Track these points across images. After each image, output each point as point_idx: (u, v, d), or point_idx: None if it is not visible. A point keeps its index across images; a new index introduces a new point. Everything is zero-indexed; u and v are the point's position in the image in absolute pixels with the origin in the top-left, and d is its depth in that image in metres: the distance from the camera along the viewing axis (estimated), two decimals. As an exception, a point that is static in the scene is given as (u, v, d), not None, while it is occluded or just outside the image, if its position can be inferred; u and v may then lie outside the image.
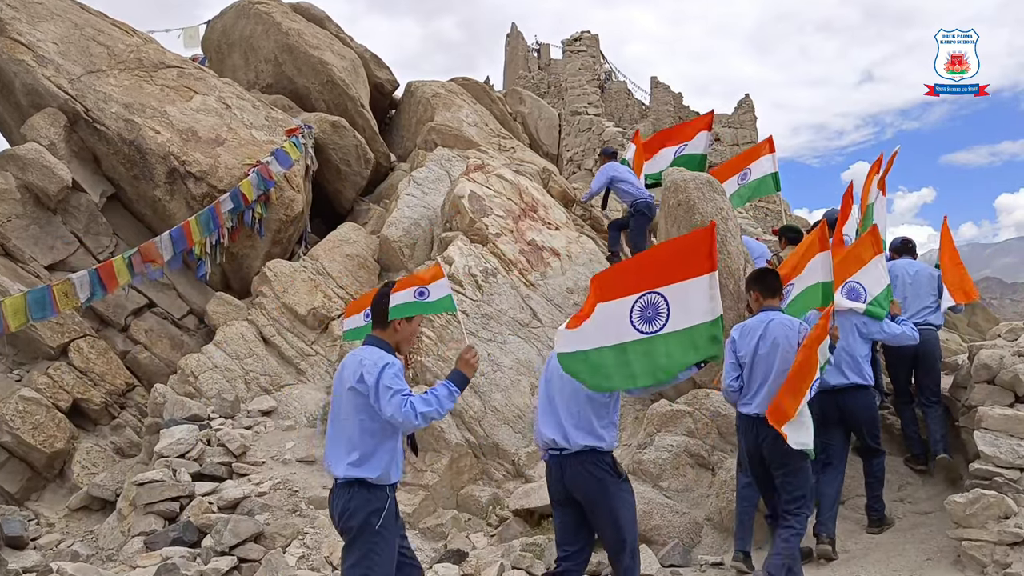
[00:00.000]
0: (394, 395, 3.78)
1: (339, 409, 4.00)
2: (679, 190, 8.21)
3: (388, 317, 4.16)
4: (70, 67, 11.89)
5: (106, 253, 11.40)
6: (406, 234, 11.78)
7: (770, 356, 5.31)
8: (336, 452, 3.95)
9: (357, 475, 3.85)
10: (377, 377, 3.81)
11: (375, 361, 3.88)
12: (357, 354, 4.01)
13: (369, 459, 3.86)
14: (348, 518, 3.87)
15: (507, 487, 7.76)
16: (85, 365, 10.43)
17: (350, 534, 3.89)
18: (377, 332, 4.10)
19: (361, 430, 3.88)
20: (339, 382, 4.05)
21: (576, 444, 4.45)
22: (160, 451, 8.06)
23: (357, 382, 3.86)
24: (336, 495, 3.97)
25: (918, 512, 6.76)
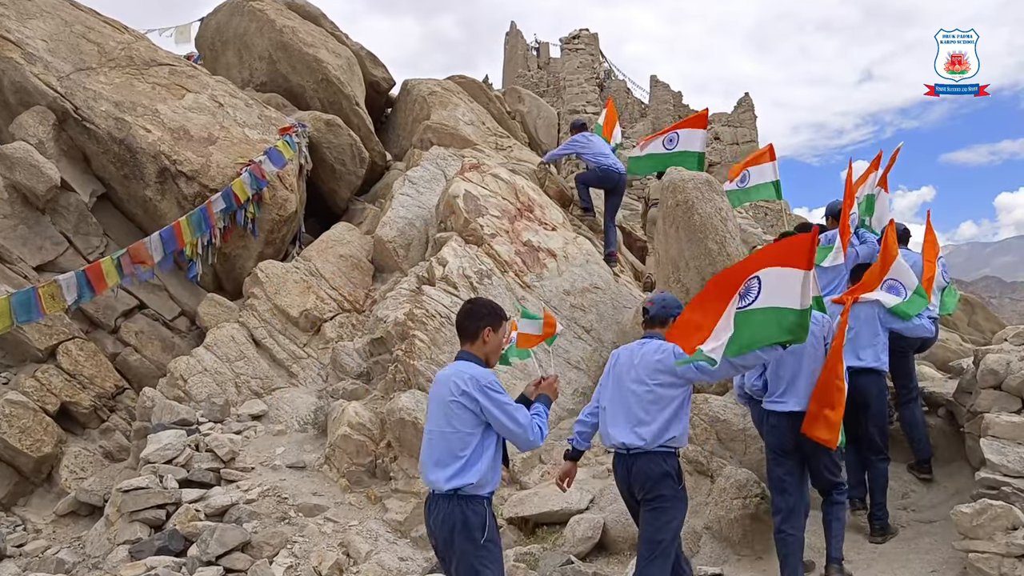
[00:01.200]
0: (523, 416, 3.97)
1: (437, 422, 4.04)
2: (678, 190, 8.04)
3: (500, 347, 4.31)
4: (59, 64, 11.71)
5: (96, 254, 11.22)
6: (401, 234, 11.61)
7: (797, 352, 5.26)
8: (438, 464, 3.98)
9: (461, 484, 3.89)
10: (494, 395, 3.93)
11: (477, 376, 3.97)
12: (456, 370, 4.07)
13: (472, 469, 3.92)
14: (451, 530, 3.90)
15: (501, 494, 7.55)
16: (74, 368, 10.26)
17: (454, 547, 3.91)
18: (467, 347, 4.18)
19: (464, 443, 3.94)
20: (437, 396, 4.10)
21: (642, 445, 4.60)
22: (147, 457, 7.88)
23: (460, 395, 3.93)
24: (436, 506, 3.98)
25: (922, 521, 6.59)
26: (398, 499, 7.49)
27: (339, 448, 7.99)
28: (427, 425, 4.12)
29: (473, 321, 4.18)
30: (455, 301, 8.88)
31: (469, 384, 3.92)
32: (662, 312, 4.98)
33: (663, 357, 4.69)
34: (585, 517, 6.62)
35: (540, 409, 4.15)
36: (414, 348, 8.30)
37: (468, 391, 3.91)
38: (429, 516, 4.01)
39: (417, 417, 7.65)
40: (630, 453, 4.64)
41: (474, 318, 4.18)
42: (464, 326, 4.20)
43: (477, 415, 3.92)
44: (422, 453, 4.10)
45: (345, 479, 7.87)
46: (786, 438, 5.36)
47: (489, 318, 4.18)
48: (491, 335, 4.17)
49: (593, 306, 9.53)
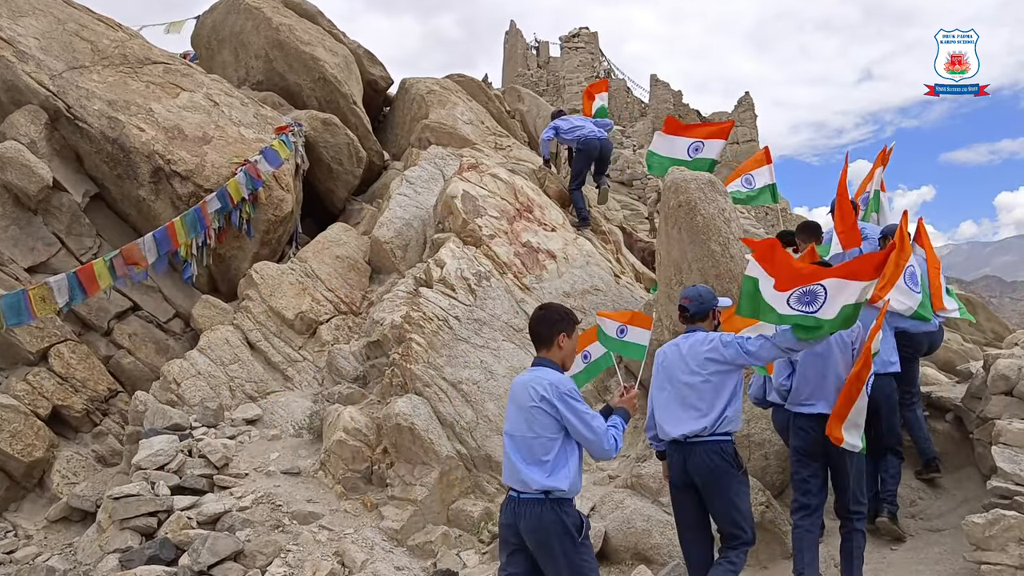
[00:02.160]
0: (599, 425, 4.03)
1: (519, 427, 4.09)
2: (680, 191, 7.87)
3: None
4: (52, 63, 11.55)
5: (89, 254, 11.06)
6: (398, 235, 11.45)
7: (824, 354, 5.24)
8: (523, 467, 4.03)
9: (549, 487, 3.95)
10: (571, 403, 4.00)
11: (556, 383, 4.04)
12: (535, 376, 4.12)
13: (559, 472, 3.99)
14: (543, 533, 3.96)
15: (500, 501, 7.38)
16: (66, 371, 10.11)
17: (553, 549, 3.96)
18: (544, 353, 4.21)
19: (547, 447, 4.00)
20: (517, 401, 4.15)
21: (701, 433, 4.69)
22: (138, 463, 7.72)
23: (540, 401, 4.00)
24: (523, 508, 4.01)
25: (931, 529, 6.44)
26: (394, 506, 7.32)
27: (334, 454, 7.83)
28: (507, 428, 4.18)
29: (548, 327, 4.21)
30: (453, 304, 8.72)
31: (548, 391, 3.99)
32: (701, 309, 5.05)
33: (712, 347, 4.80)
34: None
35: (617, 421, 4.23)
36: (411, 352, 8.13)
37: (547, 397, 3.98)
38: (515, 518, 4.02)
39: (414, 423, 7.49)
40: (687, 442, 4.73)
41: (548, 324, 4.22)
42: (539, 332, 4.24)
43: (557, 420, 3.99)
44: (507, 455, 4.13)
45: (340, 485, 7.72)
46: (813, 440, 5.32)
47: (563, 323, 4.22)
48: (565, 340, 4.21)
49: (594, 308, 9.36)
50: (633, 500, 6.64)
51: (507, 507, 4.11)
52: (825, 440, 5.18)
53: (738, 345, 4.75)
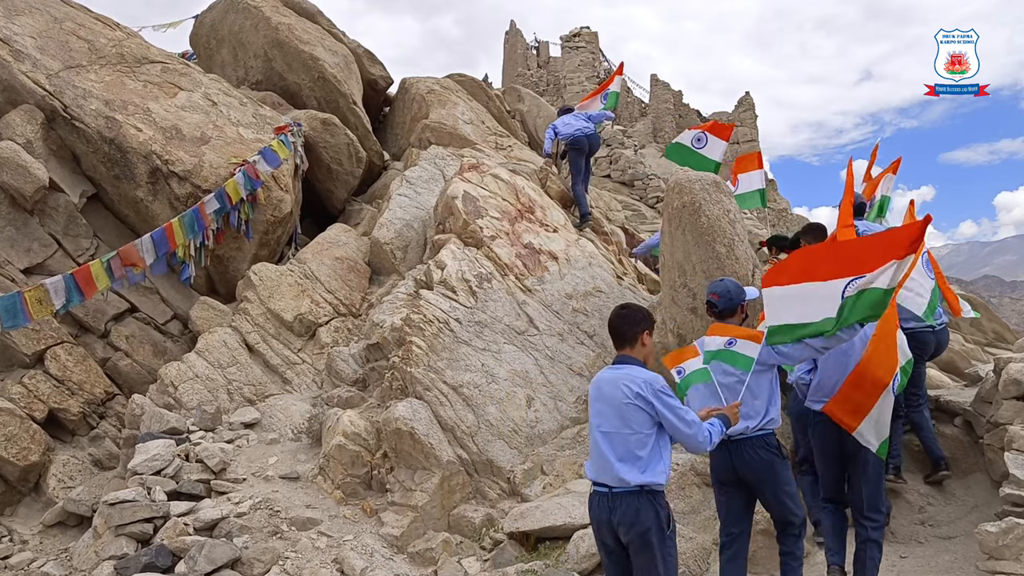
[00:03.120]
0: (693, 419, 4.18)
1: (613, 423, 4.18)
2: (684, 191, 7.76)
3: None
4: (48, 62, 11.43)
5: (86, 256, 10.94)
6: (398, 236, 11.33)
7: (846, 351, 5.20)
8: (618, 463, 4.13)
9: (646, 481, 4.08)
10: (665, 399, 4.14)
11: (650, 380, 4.16)
12: (626, 373, 4.22)
13: (656, 466, 4.12)
14: (638, 526, 4.08)
15: (501, 507, 7.29)
16: (62, 373, 9.99)
17: (641, 540, 4.10)
18: (627, 351, 4.32)
19: (642, 443, 4.12)
20: (607, 398, 4.23)
21: (744, 432, 4.76)
22: (134, 468, 7.59)
23: (635, 397, 4.10)
24: (618, 503, 4.13)
25: (941, 537, 6.32)
26: (394, 512, 7.20)
27: (333, 458, 7.71)
28: (597, 425, 4.23)
29: (631, 326, 4.33)
30: (453, 306, 8.60)
31: (644, 388, 4.10)
32: (730, 305, 5.07)
33: None
34: (589, 533, 6.33)
35: (715, 422, 4.37)
36: (411, 355, 8.01)
37: (643, 394, 4.10)
38: (609, 513, 4.13)
39: (414, 427, 7.37)
40: (732, 441, 4.78)
41: (631, 323, 4.34)
42: (622, 331, 4.35)
43: (652, 416, 4.11)
44: (597, 451, 4.20)
45: (340, 491, 7.59)
46: (830, 442, 5.32)
47: (645, 322, 4.35)
48: (648, 338, 4.35)
49: (596, 310, 9.26)
50: (637, 506, 6.53)
51: (598, 503, 4.20)
52: (841, 437, 5.17)
53: (770, 345, 4.80)
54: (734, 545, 4.95)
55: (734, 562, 4.94)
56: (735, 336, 4.85)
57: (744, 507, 4.98)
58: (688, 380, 4.87)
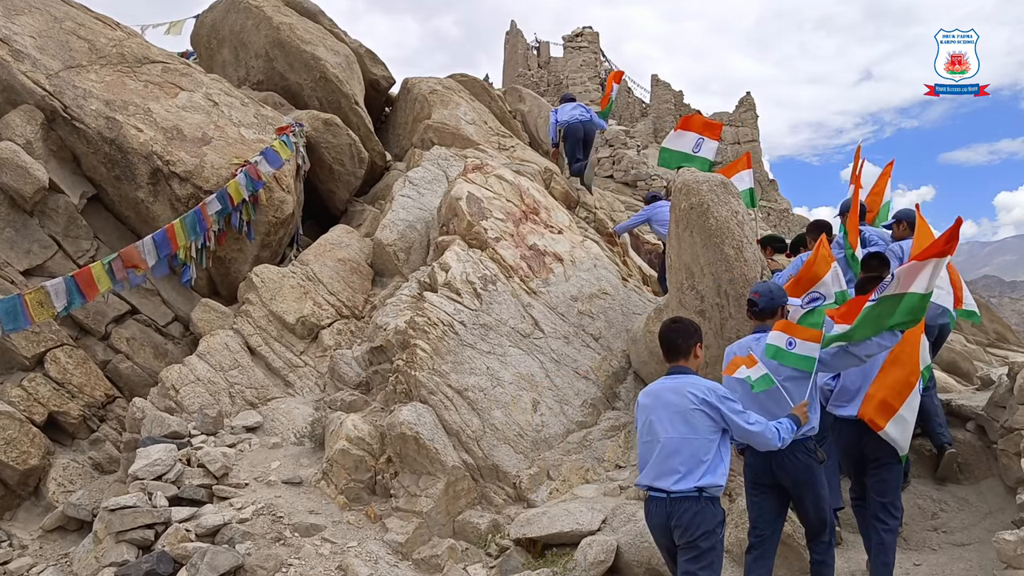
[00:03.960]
0: (757, 419, 4.39)
1: (677, 429, 4.34)
2: (692, 192, 7.65)
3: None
4: (48, 62, 11.33)
5: (86, 257, 10.84)
6: (401, 237, 11.23)
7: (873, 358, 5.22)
8: (684, 466, 4.29)
9: (709, 484, 4.26)
10: (730, 404, 4.37)
11: (714, 387, 4.41)
12: (688, 382, 4.42)
13: (717, 469, 4.30)
14: (695, 528, 4.23)
15: (507, 512, 7.19)
16: (62, 376, 9.89)
17: (697, 543, 4.25)
18: (680, 362, 4.54)
19: (706, 448, 4.30)
20: (669, 406, 4.40)
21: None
22: (135, 473, 7.49)
23: (701, 403, 4.31)
24: (677, 506, 4.28)
25: (955, 544, 6.23)
26: (399, 518, 7.10)
27: (337, 463, 7.61)
28: (660, 432, 4.38)
29: (684, 338, 4.55)
30: (458, 308, 8.50)
31: (709, 394, 4.33)
32: (771, 304, 5.15)
33: None
34: (597, 539, 6.24)
35: (785, 421, 4.57)
36: (416, 358, 7.91)
37: (708, 400, 4.32)
38: (667, 518, 4.30)
39: (419, 432, 7.27)
40: None
41: (684, 336, 4.56)
42: (675, 344, 4.56)
43: (716, 422, 4.33)
44: (656, 457, 4.36)
45: (343, 496, 7.49)
46: (851, 444, 5.43)
47: (696, 335, 4.59)
48: (699, 350, 4.59)
49: (602, 312, 9.16)
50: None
51: (655, 507, 4.38)
52: (862, 441, 5.28)
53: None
54: (763, 546, 5.02)
55: (761, 561, 5.00)
56: (796, 336, 4.91)
57: (777, 510, 5.06)
58: (755, 387, 4.89)
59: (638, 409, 4.66)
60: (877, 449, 5.26)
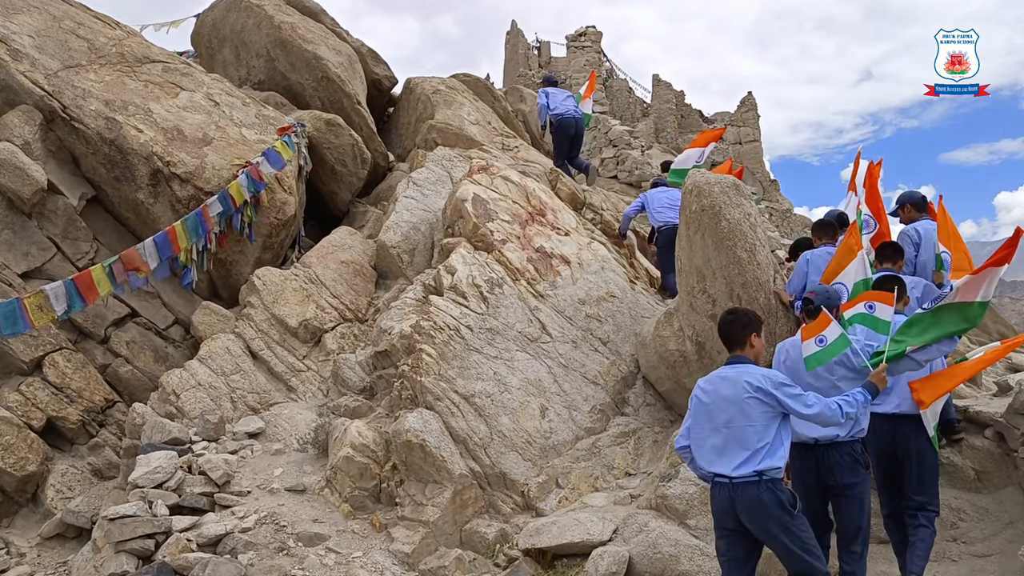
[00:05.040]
0: (814, 401, 4.47)
1: (731, 417, 4.50)
2: (703, 194, 7.50)
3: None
4: (47, 62, 11.17)
5: (85, 259, 10.68)
6: (405, 239, 11.07)
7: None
8: (738, 453, 4.45)
9: (768, 467, 4.40)
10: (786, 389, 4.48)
11: (769, 375, 4.55)
12: (744, 370, 4.57)
13: (776, 454, 4.45)
14: (763, 511, 4.37)
15: (516, 522, 7.04)
16: (61, 380, 9.74)
17: (771, 524, 4.39)
18: (737, 352, 4.69)
19: (762, 434, 4.44)
20: (725, 395, 4.55)
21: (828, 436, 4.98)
22: (135, 481, 7.33)
23: (756, 391, 4.45)
24: (738, 492, 4.43)
25: (975, 555, 6.07)
26: (405, 527, 6.94)
27: (341, 471, 7.45)
28: (716, 420, 4.55)
29: (739, 329, 4.71)
30: (464, 312, 8.35)
31: (764, 382, 4.47)
32: (827, 303, 5.26)
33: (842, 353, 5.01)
34: (608, 550, 6.10)
35: (855, 393, 4.64)
36: (421, 363, 7.76)
37: (763, 387, 4.45)
38: (731, 502, 4.45)
39: (425, 439, 7.11)
40: (818, 444, 5.00)
41: (740, 326, 4.71)
42: (732, 334, 4.73)
43: (773, 408, 4.46)
44: (716, 444, 4.54)
45: (348, 504, 7.34)
46: (884, 440, 5.48)
47: (752, 325, 4.73)
48: (756, 340, 4.72)
49: (610, 316, 9.01)
50: (658, 523, 6.28)
51: (720, 493, 4.53)
52: (895, 440, 5.39)
53: (868, 354, 5.04)
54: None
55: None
56: (874, 300, 5.10)
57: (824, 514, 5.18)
58: (831, 350, 4.98)
59: (695, 396, 4.78)
60: (915, 441, 5.35)
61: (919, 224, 7.45)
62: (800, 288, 7.38)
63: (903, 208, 7.72)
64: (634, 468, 7.58)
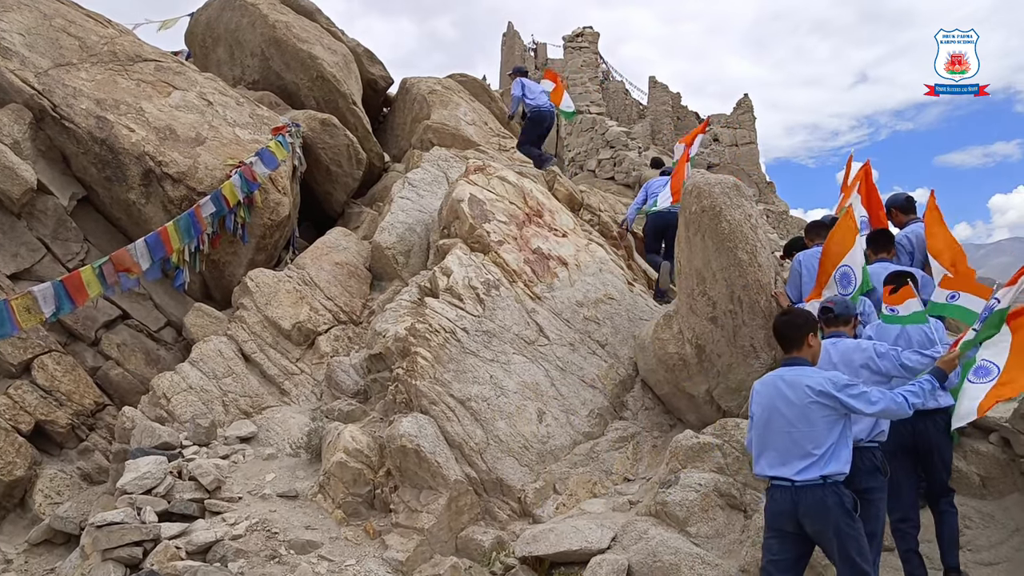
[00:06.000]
0: (878, 397, 4.44)
1: (796, 420, 4.48)
2: (703, 195, 7.38)
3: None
4: (37, 60, 11.02)
5: (76, 261, 10.52)
6: (400, 240, 10.93)
7: None
8: (805, 457, 4.43)
9: (830, 472, 4.38)
10: (849, 390, 4.44)
11: (831, 378, 4.50)
12: (804, 373, 4.56)
13: (841, 458, 4.43)
14: (827, 515, 4.36)
15: (512, 529, 6.89)
16: (50, 383, 9.56)
17: (832, 529, 4.37)
18: (795, 352, 4.69)
19: (824, 437, 4.43)
20: (786, 397, 4.54)
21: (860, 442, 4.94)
22: (123, 487, 7.17)
23: (819, 395, 4.43)
24: (801, 496, 4.42)
25: (982, 563, 5.96)
26: (399, 535, 6.80)
27: (334, 476, 7.30)
28: (777, 424, 4.54)
29: (795, 330, 4.72)
30: (460, 315, 8.21)
31: (826, 385, 4.44)
32: (846, 311, 5.40)
33: (867, 356, 5.10)
34: (607, 558, 5.95)
35: (922, 381, 4.62)
36: (416, 366, 7.61)
37: (826, 391, 4.43)
38: (793, 505, 4.42)
39: (420, 445, 6.97)
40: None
41: (796, 327, 4.72)
42: (788, 335, 4.74)
43: (836, 411, 4.44)
44: (778, 447, 4.52)
45: (341, 510, 7.19)
46: (905, 436, 5.47)
47: (808, 325, 4.74)
48: (813, 339, 4.71)
49: (608, 318, 8.87)
50: (658, 530, 6.14)
51: (780, 496, 4.51)
52: (915, 437, 5.42)
53: (894, 357, 5.05)
54: None
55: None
56: (960, 290, 5.15)
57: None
58: (904, 320, 5.04)
59: (753, 398, 4.78)
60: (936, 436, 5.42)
61: (909, 230, 7.53)
62: (795, 289, 7.33)
63: (890, 213, 7.84)
64: (633, 473, 7.44)
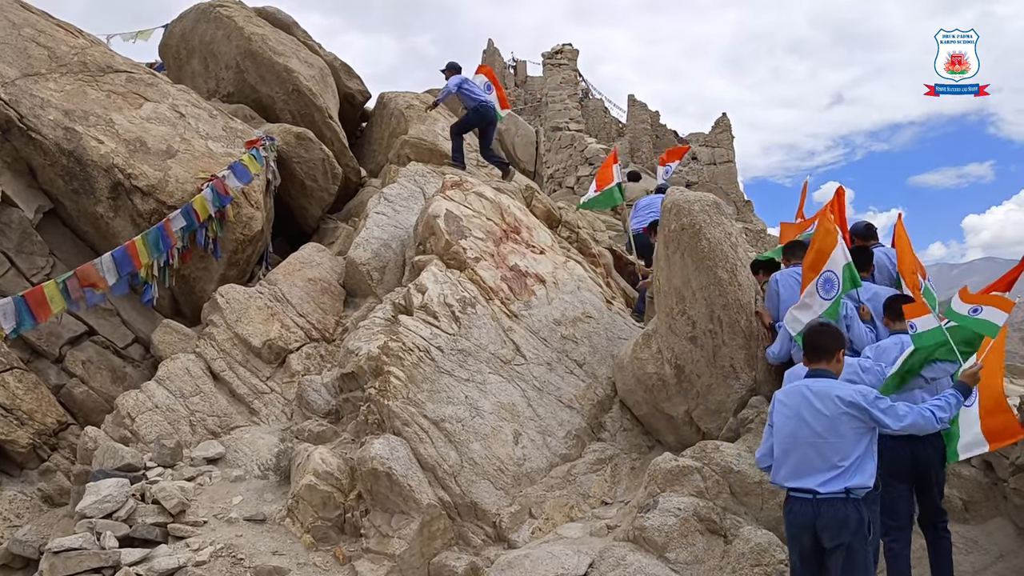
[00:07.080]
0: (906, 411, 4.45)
1: (823, 431, 4.44)
2: (682, 213, 7.29)
3: None
4: (4, 69, 10.74)
5: (41, 275, 10.23)
6: (375, 256, 10.74)
7: None
8: (830, 468, 4.40)
9: (855, 485, 4.36)
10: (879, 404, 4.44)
11: (862, 391, 4.49)
12: (831, 384, 4.54)
13: (865, 472, 4.41)
14: (844, 530, 4.32)
15: (487, 554, 6.69)
16: (11, 402, 9.23)
17: (845, 543, 4.33)
18: (823, 364, 4.66)
19: (850, 450, 4.40)
20: (814, 408, 4.50)
21: None
22: (83, 511, 6.90)
23: (848, 406, 4.41)
24: (822, 508, 4.37)
25: (966, 589, 5.84)
26: (370, 560, 6.58)
27: (303, 499, 7.07)
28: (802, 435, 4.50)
29: (832, 341, 4.70)
30: (435, 333, 8.03)
31: (857, 397, 4.43)
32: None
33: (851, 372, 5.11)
34: (584, 586, 5.77)
35: (947, 396, 4.61)
36: (389, 386, 7.42)
37: (856, 402, 4.41)
38: (813, 518, 4.38)
39: (391, 467, 6.76)
40: None
41: (833, 339, 4.72)
42: (824, 345, 4.69)
43: (865, 423, 4.43)
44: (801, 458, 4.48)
45: (310, 535, 6.96)
46: (900, 460, 5.39)
47: (841, 340, 4.75)
48: (843, 355, 4.72)
49: (586, 337, 8.73)
50: (636, 556, 5.97)
51: (800, 509, 4.46)
52: (914, 456, 5.34)
53: (878, 372, 5.23)
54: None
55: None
56: (981, 303, 5.00)
57: None
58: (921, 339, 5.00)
59: (776, 407, 4.74)
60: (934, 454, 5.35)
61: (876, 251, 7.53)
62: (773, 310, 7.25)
63: (852, 241, 7.75)
64: (611, 497, 7.28)
